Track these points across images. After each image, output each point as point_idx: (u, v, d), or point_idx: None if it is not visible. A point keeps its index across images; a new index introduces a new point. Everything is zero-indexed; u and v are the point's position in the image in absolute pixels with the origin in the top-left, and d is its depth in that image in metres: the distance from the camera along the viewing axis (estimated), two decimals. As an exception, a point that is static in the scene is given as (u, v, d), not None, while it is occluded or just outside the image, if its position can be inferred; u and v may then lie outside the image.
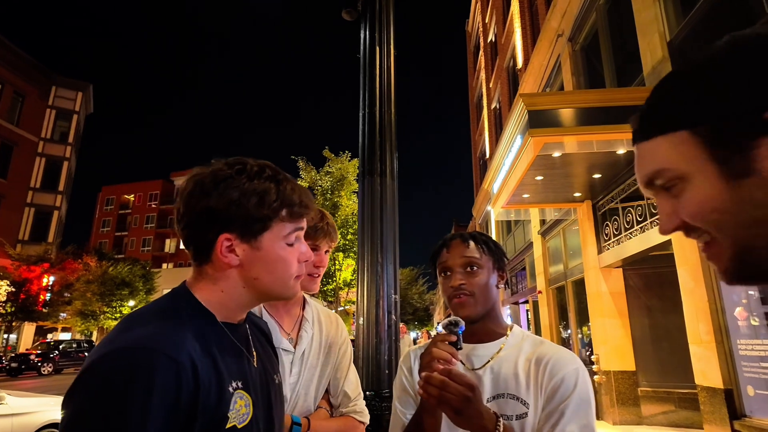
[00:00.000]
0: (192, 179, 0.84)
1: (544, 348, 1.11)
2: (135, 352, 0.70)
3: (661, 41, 5.84)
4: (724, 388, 4.81)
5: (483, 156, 19.35)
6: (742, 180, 0.46)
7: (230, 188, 0.82)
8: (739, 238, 0.48)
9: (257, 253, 0.84)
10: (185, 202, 0.84)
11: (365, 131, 2.59)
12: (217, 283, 0.84)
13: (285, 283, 0.88)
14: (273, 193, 0.85)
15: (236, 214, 0.81)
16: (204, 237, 0.83)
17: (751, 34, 0.47)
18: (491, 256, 1.17)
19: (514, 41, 13.49)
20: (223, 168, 0.84)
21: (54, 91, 30.55)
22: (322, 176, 19.30)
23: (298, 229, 0.89)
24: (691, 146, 0.49)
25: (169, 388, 0.70)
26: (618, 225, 7.33)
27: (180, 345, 0.74)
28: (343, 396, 1.44)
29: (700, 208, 0.50)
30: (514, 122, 6.65)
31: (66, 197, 31.22)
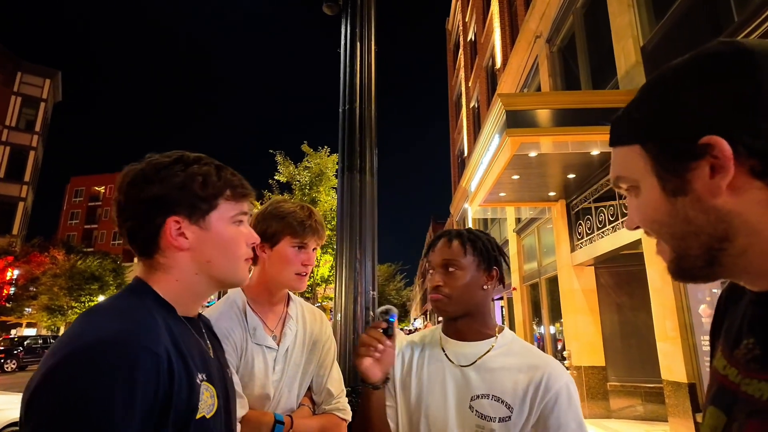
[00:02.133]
0: (130, 172, 0.84)
1: (536, 357, 1.10)
2: (114, 346, 0.69)
3: (634, 46, 5.99)
4: (687, 383, 5.01)
5: (461, 154, 19.52)
6: (678, 197, 0.51)
7: (172, 174, 0.83)
8: (675, 247, 0.53)
9: (207, 234, 0.84)
10: (126, 193, 0.82)
11: (345, 127, 2.58)
12: (171, 272, 0.83)
13: (236, 265, 0.88)
14: (214, 175, 0.86)
15: (182, 196, 0.82)
16: (151, 224, 0.82)
17: (693, 63, 0.50)
18: (477, 257, 1.14)
19: (493, 41, 13.62)
20: (160, 158, 0.85)
21: (19, 77, 29.36)
22: (300, 171, 19.08)
23: (242, 213, 0.90)
24: (640, 160, 0.54)
25: (150, 381, 0.70)
26: (591, 224, 7.51)
27: (157, 337, 0.74)
28: (327, 393, 1.43)
29: (645, 217, 0.55)
30: (492, 121, 6.73)
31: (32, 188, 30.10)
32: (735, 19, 4.32)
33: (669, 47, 5.40)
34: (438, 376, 1.13)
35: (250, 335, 1.32)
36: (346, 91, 2.66)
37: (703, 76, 0.49)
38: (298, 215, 1.39)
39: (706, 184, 0.48)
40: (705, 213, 0.49)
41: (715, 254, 0.50)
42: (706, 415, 0.57)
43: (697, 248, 0.51)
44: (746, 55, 0.47)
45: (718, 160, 0.46)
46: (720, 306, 0.66)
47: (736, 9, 4.35)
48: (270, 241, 1.37)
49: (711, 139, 0.46)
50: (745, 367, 0.51)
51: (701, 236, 0.50)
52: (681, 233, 0.52)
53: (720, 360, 0.57)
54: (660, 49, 5.60)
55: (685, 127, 0.49)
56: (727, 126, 0.46)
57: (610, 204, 6.89)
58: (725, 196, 0.47)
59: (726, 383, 0.53)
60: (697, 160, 0.48)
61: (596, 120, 5.75)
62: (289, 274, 1.36)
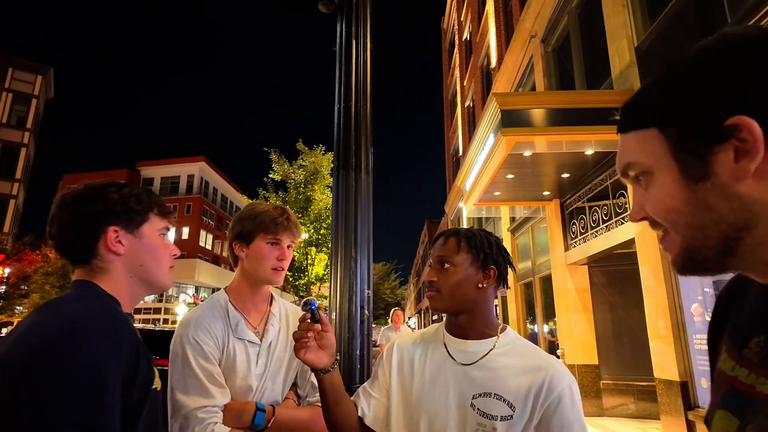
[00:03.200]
0: (71, 193, 0.99)
1: (539, 358, 1.11)
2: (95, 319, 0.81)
3: (629, 46, 6.02)
4: (680, 381, 5.05)
5: (456, 153, 19.55)
6: (698, 183, 0.48)
7: (110, 193, 0.99)
8: (688, 237, 0.51)
9: (141, 242, 1.00)
10: (70, 209, 0.96)
11: (340, 125, 2.57)
12: (110, 273, 0.97)
13: (164, 270, 1.04)
14: (145, 195, 1.04)
15: (120, 209, 0.98)
16: (92, 234, 0.96)
17: (719, 44, 0.49)
18: (470, 254, 1.15)
19: (488, 40, 13.64)
20: (96, 183, 1.01)
21: (11, 73, 29.01)
22: (295, 169, 19.02)
23: (166, 228, 1.07)
24: (658, 144, 0.51)
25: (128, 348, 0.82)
26: (584, 223, 7.55)
27: (121, 313, 0.91)
28: (310, 387, 1.48)
29: (659, 206, 0.52)
30: (487, 121, 6.74)
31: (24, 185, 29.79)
32: (728, 20, 4.35)
33: (663, 48, 5.43)
34: (440, 373, 1.13)
35: (231, 330, 1.39)
36: (341, 88, 2.65)
37: (732, 57, 0.47)
38: (270, 213, 1.47)
39: (730, 169, 0.46)
40: (727, 200, 0.47)
41: (731, 244, 0.48)
42: (714, 419, 0.54)
43: (714, 237, 0.48)
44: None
45: (745, 143, 0.44)
46: (720, 306, 0.64)
47: (729, 10, 4.38)
48: (246, 239, 1.46)
49: (740, 120, 0.44)
50: (759, 366, 0.48)
51: (721, 225, 0.48)
52: (699, 222, 0.49)
53: (727, 361, 0.55)
54: (654, 49, 5.63)
55: (710, 108, 0.47)
56: (755, 106, 0.44)
57: (603, 203, 6.92)
58: (750, 181, 0.45)
59: (737, 385, 0.51)
60: (722, 143, 0.46)
61: (591, 120, 5.78)
62: (266, 269, 1.44)
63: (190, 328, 1.34)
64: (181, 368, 1.29)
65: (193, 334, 1.33)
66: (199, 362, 1.29)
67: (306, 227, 18.56)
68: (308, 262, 19.05)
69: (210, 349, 1.32)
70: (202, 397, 1.26)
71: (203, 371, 1.29)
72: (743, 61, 0.46)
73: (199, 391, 1.26)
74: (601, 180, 6.87)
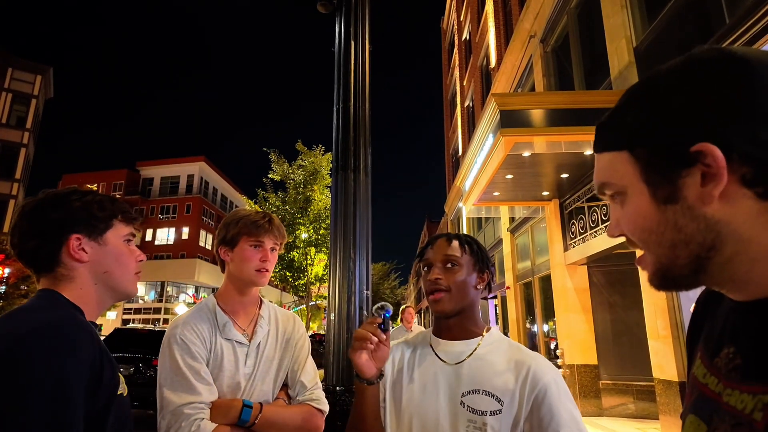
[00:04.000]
0: (31, 203, 0.98)
1: (522, 353, 1.15)
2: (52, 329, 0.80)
3: (627, 46, 6.03)
4: (678, 381, 5.05)
5: (456, 153, 19.55)
6: (668, 205, 0.50)
7: (71, 201, 0.98)
8: (660, 256, 0.52)
9: (105, 249, 0.99)
10: (30, 218, 0.95)
11: (339, 126, 2.58)
12: (74, 281, 0.95)
13: (129, 276, 1.03)
14: (108, 202, 1.03)
15: (82, 217, 0.97)
16: (54, 242, 0.94)
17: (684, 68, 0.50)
18: (473, 257, 1.21)
19: (487, 40, 13.65)
20: (57, 191, 1.01)
21: (10, 73, 29.00)
22: (294, 170, 19.02)
23: (132, 234, 1.06)
24: (629, 166, 0.53)
25: (88, 357, 0.81)
26: (584, 223, 7.56)
27: (83, 321, 0.89)
28: (300, 386, 1.51)
29: (633, 226, 0.54)
30: (486, 121, 6.75)
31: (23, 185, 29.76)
32: (726, 21, 4.36)
33: (662, 48, 5.44)
34: (429, 374, 1.16)
35: (219, 331, 1.44)
36: (340, 89, 2.65)
37: (696, 81, 0.48)
38: (252, 217, 1.53)
39: (697, 192, 0.47)
40: (695, 221, 0.48)
41: (701, 263, 0.49)
42: (686, 423, 0.56)
43: (685, 257, 0.50)
44: (740, 62, 0.46)
45: (710, 168, 0.46)
46: (698, 311, 0.65)
47: (728, 11, 4.39)
48: (230, 244, 1.52)
49: (704, 147, 0.45)
50: (726, 377, 0.50)
51: (690, 245, 0.49)
52: (670, 242, 0.51)
53: (700, 367, 0.57)
54: (653, 49, 5.64)
55: (676, 133, 0.48)
56: (720, 133, 0.45)
57: (603, 204, 6.93)
58: (716, 204, 0.47)
59: (707, 392, 0.53)
60: (689, 168, 0.47)
61: (590, 120, 5.79)
62: (250, 271, 1.49)
63: (177, 328, 1.39)
64: (169, 367, 1.34)
65: (180, 335, 1.38)
66: (186, 361, 1.34)
67: (305, 227, 18.57)
68: (308, 262, 19.05)
69: (197, 348, 1.37)
70: (188, 393, 1.29)
71: (190, 369, 1.32)
72: (707, 87, 0.47)
73: (185, 388, 1.30)
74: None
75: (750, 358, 0.48)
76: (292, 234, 18.26)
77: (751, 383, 0.46)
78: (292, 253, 18.64)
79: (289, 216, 18.52)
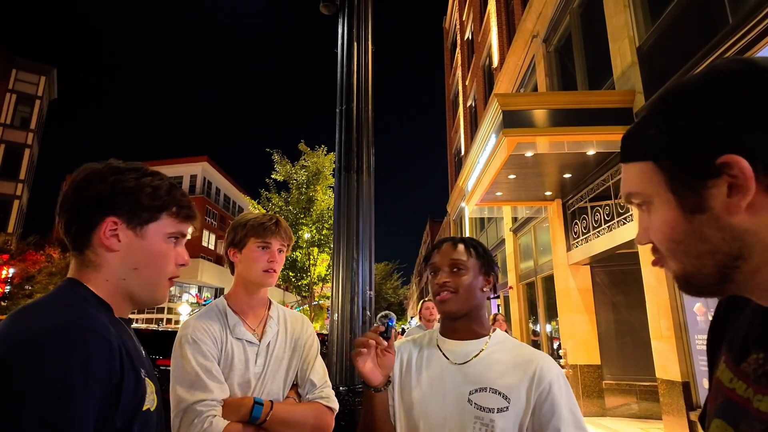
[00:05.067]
0: (84, 170, 0.86)
1: (529, 352, 1.19)
2: (65, 332, 0.69)
3: (630, 46, 6.02)
4: (681, 381, 5.04)
5: (458, 153, 19.54)
6: (695, 215, 0.50)
7: (125, 179, 0.85)
8: (686, 265, 0.52)
9: (140, 242, 0.86)
10: (75, 187, 0.84)
11: (342, 127, 2.59)
12: (101, 270, 0.84)
13: (160, 281, 0.89)
14: (164, 190, 0.88)
15: (127, 200, 0.84)
16: (89, 219, 0.83)
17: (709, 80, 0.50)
18: (478, 260, 1.23)
19: (490, 40, 13.63)
20: (120, 163, 0.88)
21: (14, 74, 29.13)
22: (297, 170, 19.06)
23: (181, 234, 0.91)
24: (655, 177, 0.53)
25: (103, 366, 0.70)
26: (586, 223, 7.54)
27: (105, 325, 0.75)
28: (310, 384, 1.53)
29: (661, 236, 0.54)
30: (489, 121, 6.75)
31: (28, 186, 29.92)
32: (729, 21, 4.35)
33: (664, 48, 5.42)
34: (437, 374, 1.19)
35: (229, 331, 1.48)
36: (342, 90, 2.66)
37: (720, 93, 0.48)
38: (259, 219, 1.57)
39: (723, 203, 0.47)
40: (722, 231, 0.48)
41: (727, 272, 0.49)
42: (711, 428, 0.55)
43: (711, 266, 0.50)
44: (762, 72, 0.46)
45: (737, 179, 0.46)
46: (720, 313, 0.64)
47: (731, 11, 4.38)
48: (239, 245, 1.55)
49: (730, 158, 0.45)
50: (756, 382, 0.49)
51: (717, 255, 0.49)
52: (696, 252, 0.51)
53: (725, 372, 0.56)
54: (655, 49, 5.62)
55: (702, 144, 0.48)
56: (746, 144, 0.45)
57: (605, 204, 6.92)
58: (743, 214, 0.47)
59: (734, 397, 0.52)
60: (715, 179, 0.47)
61: (593, 120, 5.78)
62: (257, 271, 1.52)
63: (189, 329, 1.43)
64: (181, 366, 1.36)
65: (192, 334, 1.41)
66: (198, 359, 1.36)
67: (308, 227, 18.59)
68: (311, 262, 19.07)
69: (208, 347, 1.40)
70: (201, 391, 1.32)
71: (201, 368, 1.35)
72: (731, 99, 0.47)
73: (197, 386, 1.33)
74: (603, 180, 6.87)
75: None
76: (295, 234, 18.29)
77: None
78: (295, 253, 18.68)
79: (292, 216, 18.56)
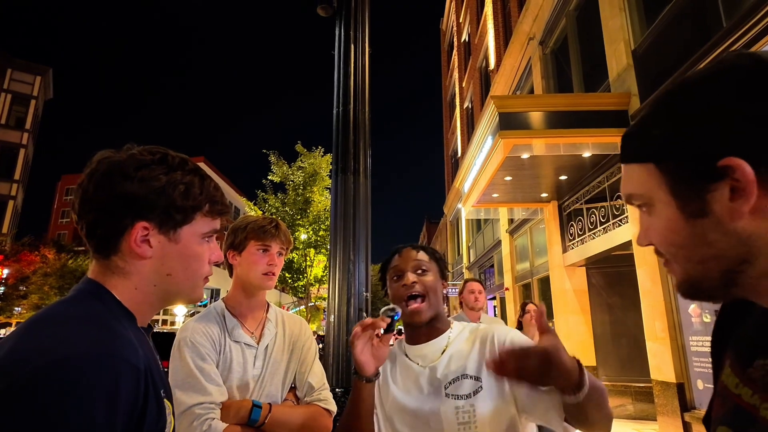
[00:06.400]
0: (105, 161, 0.76)
1: (481, 328, 1.24)
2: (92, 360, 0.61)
3: (626, 49, 6.06)
4: (676, 382, 5.07)
5: (455, 154, 19.57)
6: (698, 219, 0.48)
7: (153, 176, 0.75)
8: (690, 270, 0.51)
9: (174, 247, 0.78)
10: (98, 183, 0.74)
11: (339, 129, 2.60)
12: (130, 278, 0.76)
13: (196, 282, 0.83)
14: (198, 186, 0.80)
15: (159, 202, 0.75)
16: (117, 224, 0.74)
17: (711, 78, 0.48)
18: (437, 264, 1.28)
19: (486, 42, 13.68)
20: (143, 153, 0.77)
21: (10, 74, 29.01)
22: (294, 171, 19.04)
23: (215, 230, 0.85)
24: (656, 179, 0.51)
25: (130, 398, 0.63)
26: (582, 225, 7.58)
27: (135, 350, 0.67)
28: (308, 387, 1.54)
29: (662, 239, 0.53)
30: (486, 123, 6.77)
31: (22, 186, 29.77)
32: (724, 24, 4.38)
33: (659, 51, 5.46)
34: (411, 380, 1.20)
35: (228, 333, 1.48)
36: (340, 92, 2.67)
37: (723, 92, 0.46)
38: (259, 222, 1.57)
39: (726, 207, 0.45)
40: (726, 236, 0.46)
41: (733, 276, 0.48)
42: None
43: (716, 271, 0.48)
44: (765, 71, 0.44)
45: (739, 182, 0.44)
46: (725, 316, 0.63)
47: (725, 14, 4.41)
48: (238, 248, 1.55)
49: (732, 161, 0.44)
50: (763, 390, 0.47)
51: (721, 259, 0.48)
52: (700, 257, 0.49)
53: (731, 377, 0.54)
54: (651, 52, 5.66)
55: (703, 147, 0.46)
56: (748, 146, 0.44)
57: (601, 205, 6.95)
58: (747, 218, 0.45)
59: (741, 403, 0.50)
60: (717, 182, 0.45)
61: (589, 122, 5.81)
62: (257, 274, 1.52)
63: (188, 332, 1.43)
64: (180, 369, 1.37)
65: (191, 337, 1.41)
66: (196, 362, 1.37)
67: (305, 229, 18.58)
68: (307, 263, 19.05)
69: (206, 350, 1.40)
70: (199, 394, 1.32)
71: (200, 370, 1.35)
72: (736, 97, 0.45)
73: (196, 388, 1.33)
74: (599, 182, 6.90)
75: None
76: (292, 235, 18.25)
77: None
78: (292, 255, 18.64)
79: (288, 217, 18.54)
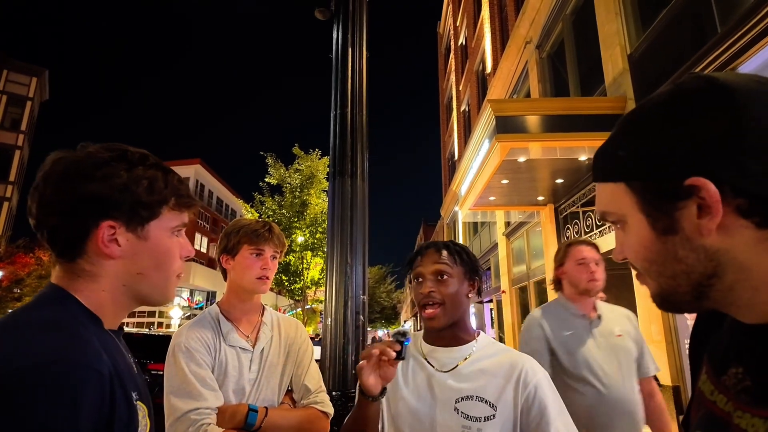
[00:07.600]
0: (61, 161, 0.73)
1: (513, 355, 1.16)
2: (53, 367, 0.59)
3: (622, 54, 6.09)
4: (672, 385, 5.08)
5: (452, 157, 19.61)
6: (668, 236, 0.50)
7: (115, 172, 0.73)
8: (662, 284, 0.53)
9: (144, 244, 0.76)
10: (56, 186, 0.71)
11: (336, 132, 2.60)
12: (98, 280, 0.73)
13: (168, 281, 0.80)
14: (161, 180, 0.77)
15: (124, 199, 0.73)
16: (81, 226, 0.71)
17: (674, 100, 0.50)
18: (463, 266, 1.20)
19: (483, 46, 13.73)
20: (101, 151, 0.75)
21: (5, 75, 28.90)
22: (291, 174, 19.02)
23: (183, 224, 0.82)
24: (627, 197, 0.53)
25: (94, 405, 0.61)
26: (578, 228, 7.60)
27: (99, 355, 0.65)
28: (305, 390, 1.53)
29: (636, 255, 0.54)
30: (482, 126, 6.79)
31: (18, 188, 29.58)
32: (718, 30, 4.42)
33: (655, 56, 5.50)
34: (422, 382, 1.16)
35: (223, 338, 1.47)
36: (337, 96, 2.67)
37: (683, 113, 0.48)
38: (253, 226, 1.56)
39: (694, 224, 0.47)
40: (695, 252, 0.48)
41: (703, 290, 0.50)
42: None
43: (686, 285, 0.50)
44: (726, 92, 0.46)
45: (705, 201, 0.46)
46: (701, 323, 0.65)
47: (719, 20, 4.45)
48: (232, 252, 1.55)
49: (697, 181, 0.45)
50: (736, 398, 0.49)
51: (692, 274, 0.49)
52: (671, 272, 0.51)
53: (706, 383, 0.56)
54: (646, 57, 5.70)
55: (669, 166, 0.48)
56: (711, 166, 0.45)
57: (597, 209, 6.97)
58: (714, 235, 0.47)
59: (715, 410, 0.52)
60: (685, 200, 0.47)
61: (585, 126, 5.84)
62: (251, 278, 1.52)
63: (182, 337, 1.42)
64: (175, 374, 1.36)
65: (185, 343, 1.40)
66: (191, 368, 1.36)
67: (302, 231, 18.55)
68: (304, 266, 19.01)
69: (201, 355, 1.39)
70: (195, 400, 1.31)
71: (195, 376, 1.35)
72: (694, 120, 0.47)
73: (191, 394, 1.32)
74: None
75: (759, 382, 0.47)
76: (289, 238, 18.23)
77: (762, 408, 0.46)
78: (289, 257, 18.61)
79: (285, 220, 18.51)
